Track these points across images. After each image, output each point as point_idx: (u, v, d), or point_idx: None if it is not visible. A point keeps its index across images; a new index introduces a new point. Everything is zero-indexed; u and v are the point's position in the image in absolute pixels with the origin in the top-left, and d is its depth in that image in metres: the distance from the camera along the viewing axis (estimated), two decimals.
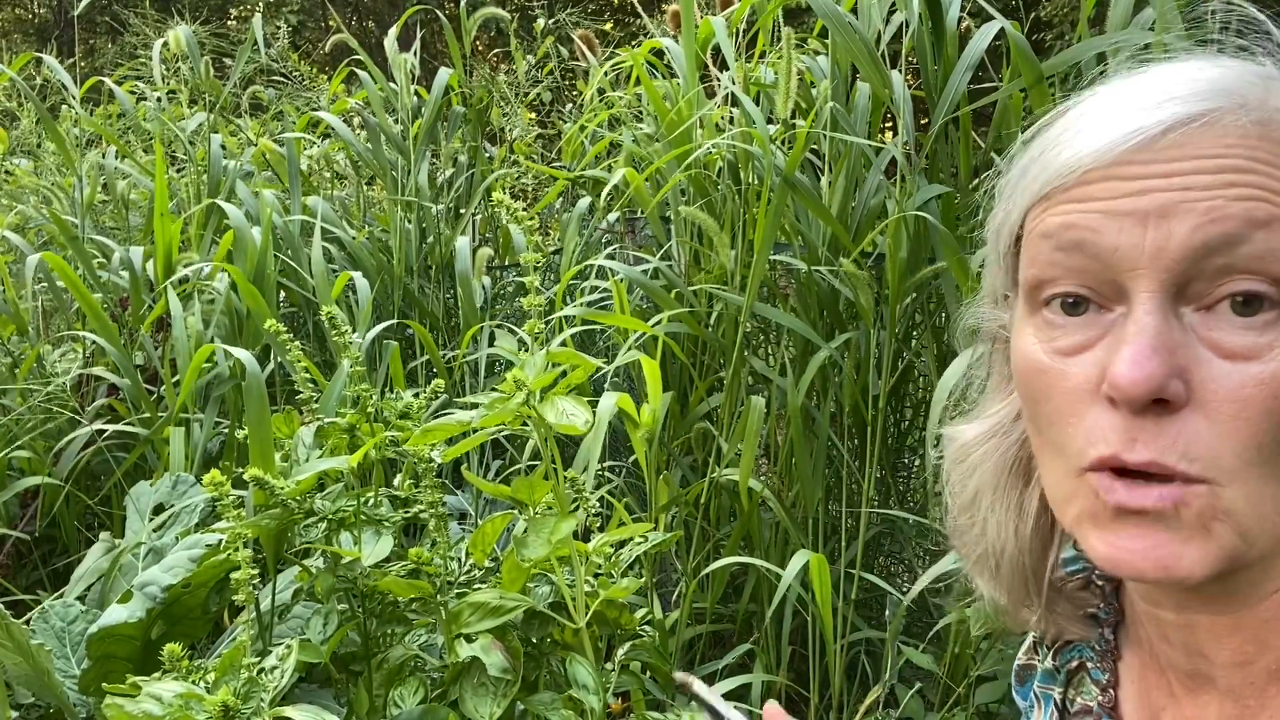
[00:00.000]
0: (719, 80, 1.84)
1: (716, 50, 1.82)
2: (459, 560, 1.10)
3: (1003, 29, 1.38)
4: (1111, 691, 0.57)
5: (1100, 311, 0.45)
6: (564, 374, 0.91)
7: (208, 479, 0.89)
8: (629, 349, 1.59)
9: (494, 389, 0.90)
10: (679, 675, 0.92)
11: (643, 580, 1.04)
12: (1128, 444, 0.44)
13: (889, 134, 2.38)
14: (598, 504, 1.16)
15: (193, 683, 0.81)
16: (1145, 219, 0.43)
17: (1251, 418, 0.42)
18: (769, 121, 1.66)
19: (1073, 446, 0.46)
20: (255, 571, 0.89)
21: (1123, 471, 0.44)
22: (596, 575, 1.05)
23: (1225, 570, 0.44)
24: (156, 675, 0.83)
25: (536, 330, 0.92)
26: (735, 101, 1.71)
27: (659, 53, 1.97)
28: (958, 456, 0.59)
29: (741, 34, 1.78)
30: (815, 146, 1.66)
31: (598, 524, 1.12)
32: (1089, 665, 0.59)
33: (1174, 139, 0.44)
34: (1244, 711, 0.48)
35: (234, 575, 0.87)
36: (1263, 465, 0.42)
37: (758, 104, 1.68)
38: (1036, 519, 0.56)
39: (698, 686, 0.86)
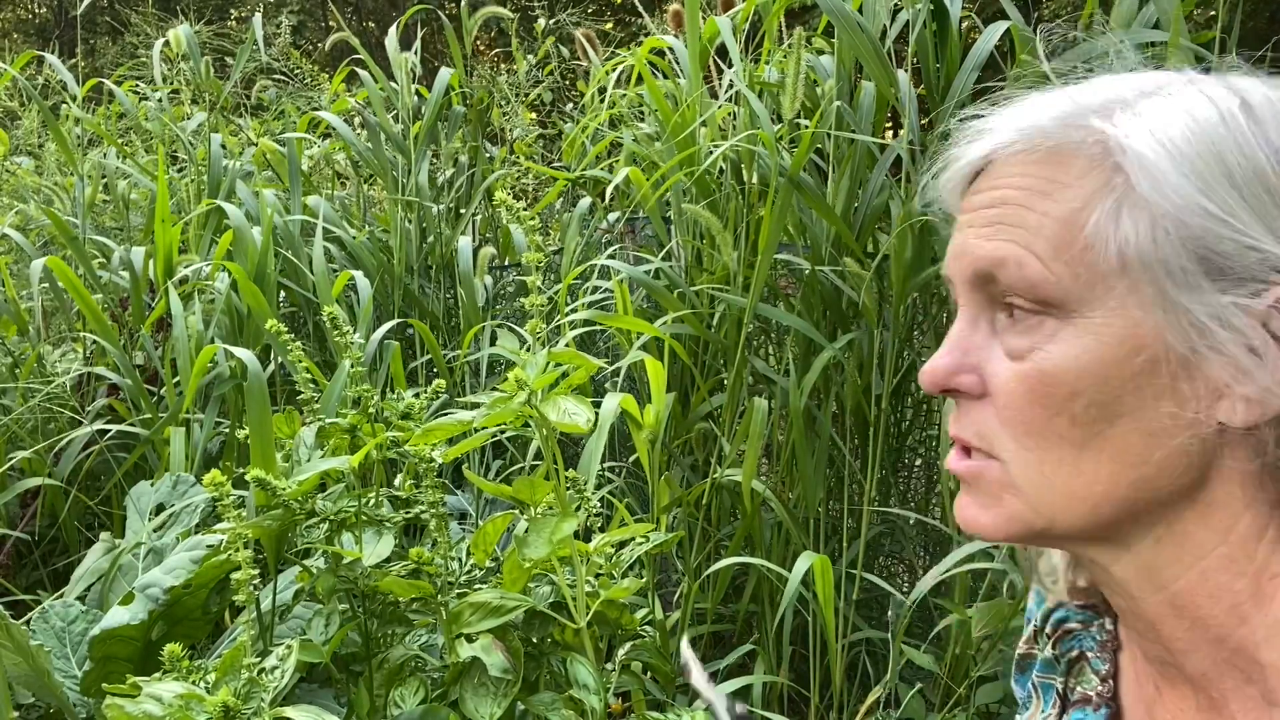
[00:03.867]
0: (718, 80, 1.83)
1: (718, 50, 1.82)
2: (459, 560, 1.09)
3: (1008, 28, 1.38)
4: (1111, 682, 0.59)
5: None
6: (565, 374, 0.91)
7: (208, 479, 0.88)
8: (635, 350, 1.59)
9: (495, 389, 0.89)
10: (685, 650, 0.92)
11: (644, 581, 1.04)
12: (952, 422, 0.54)
13: (888, 134, 2.38)
14: (599, 504, 1.16)
15: (193, 683, 0.81)
16: (953, 254, 0.53)
17: (1016, 407, 0.49)
18: (773, 121, 1.66)
19: None
20: (256, 571, 0.89)
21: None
22: (598, 575, 1.05)
23: (1023, 536, 0.52)
24: (157, 675, 0.82)
25: (538, 330, 0.92)
26: (738, 101, 1.71)
27: (659, 52, 1.97)
28: None
29: (745, 34, 1.77)
30: (819, 146, 1.66)
31: (599, 524, 1.12)
32: (1089, 655, 0.61)
33: (990, 168, 0.52)
34: (1213, 702, 0.51)
35: (235, 575, 0.87)
36: (1037, 449, 0.49)
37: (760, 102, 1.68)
38: None
39: (695, 676, 0.86)
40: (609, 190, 1.84)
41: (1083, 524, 0.50)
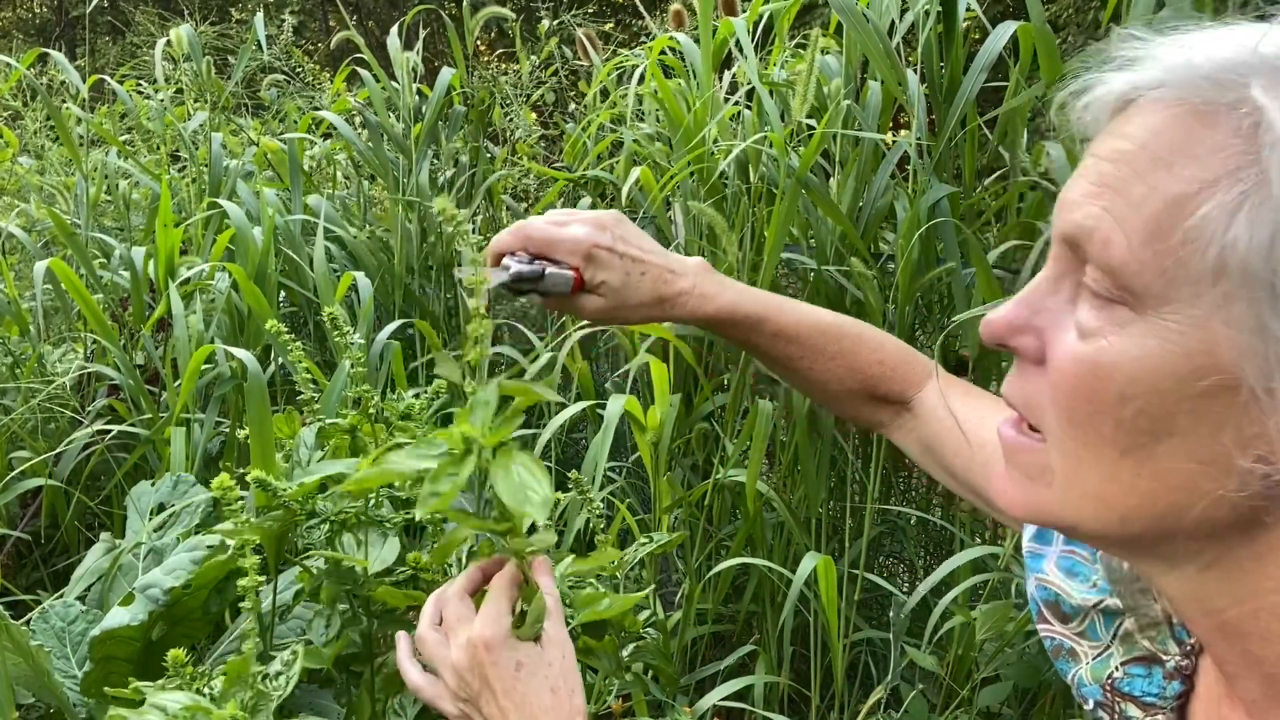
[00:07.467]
0: (718, 81, 1.83)
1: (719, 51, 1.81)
2: (460, 563, 1.09)
3: (1016, 27, 1.38)
4: (1194, 659, 0.54)
5: None
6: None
7: (216, 483, 0.87)
8: (643, 351, 1.59)
9: (434, 438, 0.66)
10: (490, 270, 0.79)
11: (643, 594, 1.00)
12: (1009, 378, 0.49)
13: (889, 134, 2.39)
14: (601, 505, 1.15)
15: (197, 690, 0.80)
16: (1060, 199, 0.46)
17: (1063, 390, 0.44)
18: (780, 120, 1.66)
19: None
20: (262, 579, 0.87)
21: None
22: (598, 576, 1.04)
23: (1050, 525, 0.48)
24: (160, 683, 0.81)
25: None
26: (749, 99, 1.70)
27: (662, 50, 1.97)
28: None
29: (755, 34, 1.77)
30: (825, 146, 1.66)
31: (601, 525, 1.11)
32: (1175, 622, 0.56)
33: (1127, 110, 0.44)
34: None
35: (240, 582, 0.85)
36: (1076, 441, 0.44)
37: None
38: None
39: (498, 273, 0.76)
40: (624, 192, 1.83)
41: (1109, 532, 0.45)
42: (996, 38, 1.40)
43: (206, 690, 0.81)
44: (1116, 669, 0.57)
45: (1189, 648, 0.54)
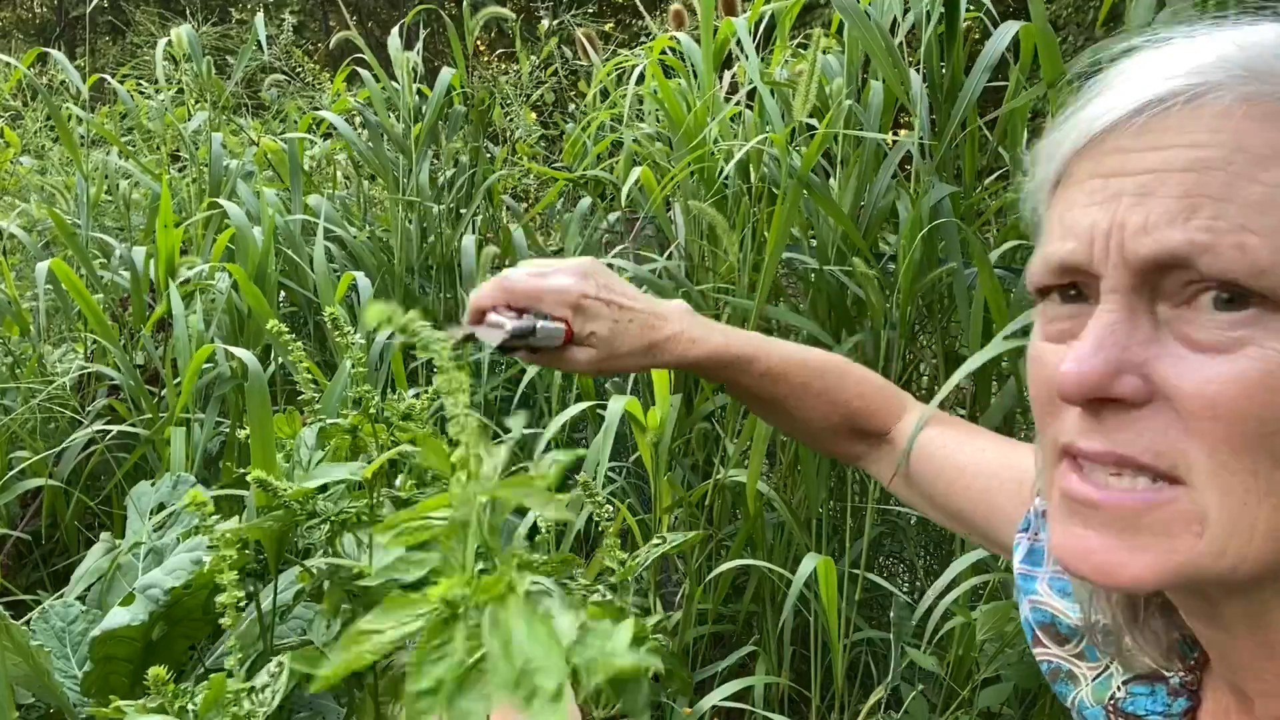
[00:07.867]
0: (719, 81, 1.83)
1: (720, 51, 1.81)
2: None
3: (1018, 27, 1.38)
4: (1198, 674, 0.52)
5: (1089, 303, 0.44)
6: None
7: (189, 498, 0.86)
8: None
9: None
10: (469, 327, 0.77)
11: (656, 660, 0.98)
12: (1084, 434, 0.42)
13: (890, 134, 2.39)
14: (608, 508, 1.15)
15: (179, 709, 0.78)
16: (1109, 227, 0.41)
17: (1222, 417, 0.39)
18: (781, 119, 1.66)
19: (1048, 436, 0.45)
20: (241, 595, 0.86)
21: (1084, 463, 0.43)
22: (608, 583, 1.04)
23: (1182, 584, 0.41)
24: (141, 703, 0.79)
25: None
26: (750, 98, 1.70)
27: (661, 50, 1.97)
28: None
29: (757, 34, 1.77)
30: (826, 146, 1.66)
31: (607, 526, 1.11)
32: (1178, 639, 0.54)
33: (1147, 123, 0.42)
34: None
35: (219, 599, 0.84)
36: (1242, 472, 0.39)
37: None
38: None
39: (484, 330, 0.74)
40: (624, 193, 1.83)
41: (1263, 571, 0.40)
42: (999, 38, 1.39)
43: (190, 707, 0.79)
44: (1118, 689, 0.55)
45: (1192, 662, 0.52)
